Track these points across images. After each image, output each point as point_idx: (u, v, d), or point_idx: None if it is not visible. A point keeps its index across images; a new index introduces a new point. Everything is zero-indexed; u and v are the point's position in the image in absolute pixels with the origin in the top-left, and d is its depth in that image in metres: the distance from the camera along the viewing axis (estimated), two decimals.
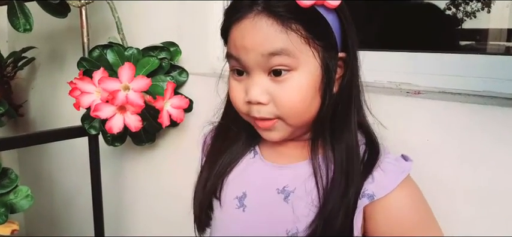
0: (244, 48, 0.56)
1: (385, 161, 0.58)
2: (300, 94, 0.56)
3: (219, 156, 0.68)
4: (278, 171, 0.63)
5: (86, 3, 1.03)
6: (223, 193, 0.67)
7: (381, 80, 0.78)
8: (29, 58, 1.52)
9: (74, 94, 0.91)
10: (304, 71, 0.56)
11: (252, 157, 0.68)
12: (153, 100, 0.90)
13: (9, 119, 1.60)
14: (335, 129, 0.59)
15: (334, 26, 0.57)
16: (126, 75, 0.86)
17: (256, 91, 0.57)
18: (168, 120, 0.92)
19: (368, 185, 0.56)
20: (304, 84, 0.56)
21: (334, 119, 0.59)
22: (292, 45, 0.54)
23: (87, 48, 1.06)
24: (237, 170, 0.67)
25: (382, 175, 0.57)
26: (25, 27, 0.97)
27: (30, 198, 0.96)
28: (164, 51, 1.00)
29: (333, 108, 0.59)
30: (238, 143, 0.68)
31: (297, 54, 0.55)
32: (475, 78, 0.71)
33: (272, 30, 0.54)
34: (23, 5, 0.96)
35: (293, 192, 0.60)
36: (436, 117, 0.70)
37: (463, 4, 1.07)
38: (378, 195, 0.56)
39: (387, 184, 0.56)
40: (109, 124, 0.89)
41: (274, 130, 0.60)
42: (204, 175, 0.69)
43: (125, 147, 1.16)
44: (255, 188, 0.65)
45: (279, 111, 0.57)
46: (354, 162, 0.58)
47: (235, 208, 0.65)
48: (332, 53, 0.57)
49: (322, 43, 0.56)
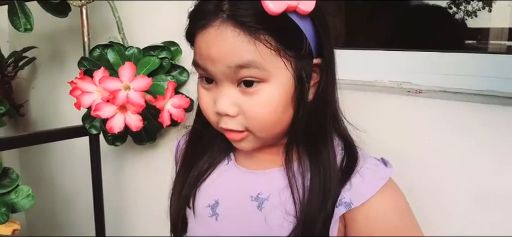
0: (210, 59, 0.53)
1: (364, 167, 0.55)
2: (270, 107, 0.53)
3: (193, 162, 0.65)
4: (252, 177, 0.61)
5: (87, 3, 1.03)
6: (196, 201, 0.63)
7: (382, 79, 0.78)
8: (30, 58, 1.52)
9: (75, 94, 0.91)
10: (276, 83, 0.52)
11: (226, 163, 0.64)
12: (153, 99, 0.90)
13: (10, 119, 1.60)
14: (310, 137, 0.56)
15: (307, 32, 0.53)
16: (126, 75, 0.86)
17: (225, 103, 0.54)
18: (169, 120, 0.92)
19: (345, 193, 0.54)
20: (275, 97, 0.52)
21: (310, 127, 0.56)
22: (260, 58, 0.50)
23: (87, 48, 1.06)
24: (211, 178, 0.64)
25: (361, 181, 0.54)
26: (26, 26, 0.97)
27: (31, 198, 0.96)
28: (165, 50, 1.00)
29: (307, 115, 0.56)
30: (212, 149, 0.65)
31: (266, 67, 0.51)
32: (476, 77, 0.70)
33: (239, 41, 0.50)
34: (23, 4, 0.96)
35: (267, 199, 0.57)
36: (437, 116, 0.70)
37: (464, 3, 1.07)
38: (356, 203, 0.53)
39: (365, 191, 0.53)
40: (110, 123, 0.89)
41: (244, 142, 0.57)
42: (179, 182, 0.66)
43: (125, 147, 1.16)
44: (228, 195, 0.61)
45: (248, 123, 0.54)
46: (331, 171, 0.55)
47: (208, 216, 0.61)
48: (306, 61, 0.54)
49: (294, 53, 0.52)
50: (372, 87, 0.78)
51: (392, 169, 0.58)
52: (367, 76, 0.80)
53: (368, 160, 0.57)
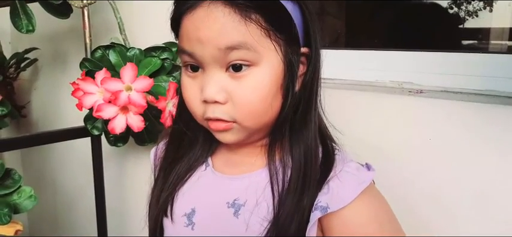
0: (198, 41, 0.50)
1: (344, 171, 0.52)
2: (260, 92, 0.50)
3: (174, 165, 0.62)
4: (229, 183, 0.58)
5: (88, 4, 1.03)
6: (174, 208, 0.60)
7: (383, 79, 0.78)
8: (32, 59, 1.53)
9: (77, 95, 0.92)
10: (266, 66, 0.50)
11: (204, 169, 0.61)
12: (155, 100, 0.91)
13: (12, 120, 1.61)
14: (294, 130, 0.54)
15: (296, 18, 0.52)
16: (128, 76, 0.86)
17: (213, 89, 0.51)
18: (171, 120, 0.92)
19: (322, 197, 0.51)
20: (266, 81, 0.50)
21: (294, 119, 0.54)
22: (251, 38, 0.48)
23: (89, 49, 1.07)
24: (188, 182, 0.61)
25: (339, 185, 0.51)
26: (28, 28, 0.97)
27: (34, 198, 0.96)
28: (166, 51, 1.01)
29: (294, 107, 0.54)
30: (194, 150, 0.62)
31: (257, 48, 0.49)
32: (477, 77, 0.70)
33: (229, 20, 0.48)
34: (25, 6, 0.97)
35: (243, 205, 0.55)
36: (438, 116, 0.70)
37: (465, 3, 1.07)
38: (333, 207, 0.50)
39: (344, 195, 0.50)
40: (112, 124, 0.89)
41: (229, 133, 0.54)
42: (158, 186, 0.63)
43: (127, 147, 1.16)
44: (204, 203, 0.58)
45: (236, 112, 0.51)
46: (313, 164, 0.53)
47: (184, 226, 0.58)
48: (294, 48, 0.52)
49: (283, 36, 0.51)
50: (373, 87, 0.78)
51: (374, 173, 0.54)
52: (368, 76, 0.80)
53: (349, 163, 0.54)
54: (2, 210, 0.91)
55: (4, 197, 0.94)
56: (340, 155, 0.56)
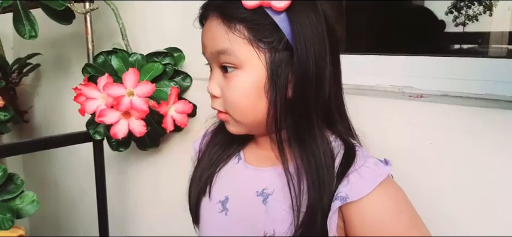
0: (203, 45, 0.61)
1: (364, 166, 0.57)
2: (242, 93, 0.58)
3: (217, 148, 0.70)
4: (258, 174, 0.64)
5: (91, 10, 1.04)
6: (212, 189, 0.68)
7: (383, 84, 0.79)
8: (34, 65, 1.54)
9: (79, 100, 0.92)
10: (248, 71, 0.57)
11: (237, 162, 0.68)
12: (157, 105, 0.91)
13: (14, 125, 1.61)
14: (297, 136, 0.59)
15: (285, 28, 0.56)
16: (130, 81, 0.87)
17: (211, 85, 0.61)
18: (172, 125, 0.92)
19: (342, 188, 0.56)
20: (247, 84, 0.57)
21: (293, 124, 0.59)
22: (232, 47, 0.56)
23: (91, 54, 1.07)
24: (224, 170, 0.69)
25: (359, 178, 0.56)
26: (30, 33, 0.98)
27: (36, 203, 0.96)
28: (168, 56, 1.01)
29: (290, 112, 0.58)
30: (233, 142, 0.70)
31: (238, 55, 0.56)
32: (477, 81, 0.71)
33: (218, 30, 0.57)
34: (28, 12, 0.97)
35: (271, 194, 0.61)
36: (438, 120, 0.70)
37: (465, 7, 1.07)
38: (352, 198, 0.55)
39: (362, 187, 0.55)
40: (114, 129, 0.90)
41: (229, 123, 0.62)
42: (202, 165, 0.70)
43: (129, 152, 1.17)
44: (236, 191, 0.65)
45: (226, 105, 0.60)
46: (324, 167, 0.57)
47: (219, 212, 0.66)
48: (283, 56, 0.56)
49: (268, 46, 0.56)
50: (373, 92, 0.78)
51: (391, 166, 0.59)
52: (368, 80, 0.81)
53: (369, 159, 0.58)
54: (5, 215, 0.91)
55: (7, 201, 0.95)
56: (360, 152, 0.60)
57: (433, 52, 0.78)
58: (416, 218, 0.58)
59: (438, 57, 0.76)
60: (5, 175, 0.94)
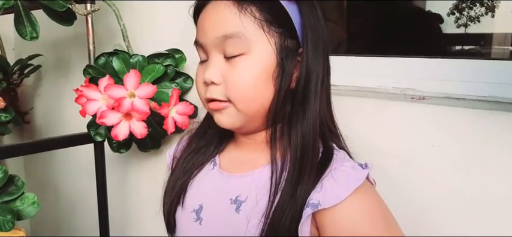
0: (203, 30, 0.58)
1: (339, 170, 0.54)
2: (250, 77, 0.55)
3: (192, 155, 0.68)
4: (232, 180, 0.62)
5: (92, 11, 1.04)
6: (185, 199, 0.66)
7: (385, 86, 0.78)
8: (35, 66, 1.53)
9: (80, 102, 0.92)
10: (258, 55, 0.55)
11: (212, 168, 0.66)
12: (158, 106, 0.91)
13: (15, 126, 1.61)
14: (291, 124, 0.57)
15: (294, 17, 0.56)
16: (131, 82, 0.86)
17: (211, 71, 0.57)
18: (173, 127, 0.92)
19: (314, 194, 0.53)
20: (256, 68, 0.55)
21: (291, 114, 0.58)
22: (244, 29, 0.54)
23: (93, 56, 1.07)
24: (198, 177, 0.67)
25: (333, 184, 0.53)
26: (32, 35, 0.98)
27: (37, 205, 0.96)
28: (169, 58, 1.01)
29: (291, 103, 0.57)
30: (210, 147, 0.68)
31: (249, 38, 0.54)
32: (479, 83, 0.71)
33: (227, 11, 0.55)
34: (29, 13, 0.97)
35: (245, 202, 0.58)
36: (441, 122, 0.70)
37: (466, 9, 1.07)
38: (324, 204, 0.52)
39: (337, 193, 0.52)
40: (115, 131, 0.89)
41: (224, 115, 0.59)
42: (175, 173, 0.68)
43: (130, 154, 1.17)
44: (210, 200, 0.63)
45: (229, 92, 0.57)
46: (309, 157, 0.55)
47: (193, 221, 0.63)
48: (290, 44, 0.56)
49: (278, 30, 0.55)
50: (376, 94, 0.78)
51: (368, 170, 0.55)
52: (370, 82, 0.80)
53: (345, 163, 0.56)
54: (5, 216, 0.91)
55: (7, 203, 0.95)
56: (338, 154, 0.58)
57: (435, 54, 0.77)
58: (393, 228, 0.54)
59: (440, 59, 0.75)
60: (5, 176, 0.94)
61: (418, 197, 0.73)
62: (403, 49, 0.85)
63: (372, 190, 0.56)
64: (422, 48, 0.94)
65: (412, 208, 0.73)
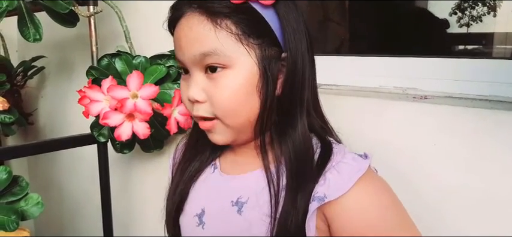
0: (180, 48, 0.56)
1: (341, 162, 0.54)
2: (233, 92, 0.54)
3: (189, 163, 0.67)
4: (232, 182, 0.62)
5: (95, 13, 1.04)
6: (186, 204, 0.66)
7: (387, 85, 0.78)
8: (39, 68, 1.54)
9: (83, 103, 0.93)
10: (239, 69, 0.53)
11: (212, 171, 0.66)
12: (161, 107, 0.91)
13: (19, 127, 1.62)
14: (280, 132, 0.57)
15: (273, 24, 0.54)
16: (134, 83, 0.87)
17: (194, 89, 0.56)
18: (176, 127, 0.93)
19: (319, 188, 0.53)
20: (238, 83, 0.54)
21: (279, 122, 0.57)
22: (221, 45, 0.52)
23: (95, 57, 1.08)
24: (199, 182, 0.66)
25: (337, 176, 0.53)
26: (35, 37, 0.98)
27: (41, 205, 0.97)
28: (172, 59, 1.02)
29: (277, 110, 0.56)
30: (205, 153, 0.67)
31: (227, 53, 0.53)
32: (481, 82, 0.71)
33: (202, 28, 0.53)
34: (32, 15, 0.98)
35: (246, 203, 0.58)
36: (442, 122, 0.70)
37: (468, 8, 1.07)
38: (331, 196, 0.52)
39: (341, 184, 0.52)
40: (118, 131, 0.90)
41: (215, 133, 0.58)
42: (174, 182, 0.68)
43: (133, 154, 1.17)
44: (212, 203, 0.63)
45: (214, 109, 0.56)
46: (304, 165, 0.55)
47: (196, 226, 0.63)
48: (272, 52, 0.54)
49: (257, 41, 0.53)
50: (377, 93, 0.78)
51: (369, 159, 0.56)
52: (372, 82, 0.80)
53: (346, 155, 0.56)
54: (10, 217, 0.92)
55: (11, 203, 0.95)
56: (337, 148, 0.57)
57: (437, 54, 0.77)
58: (402, 213, 0.55)
59: (442, 59, 0.75)
60: (10, 177, 0.95)
61: (419, 197, 0.73)
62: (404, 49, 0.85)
63: (376, 177, 0.57)
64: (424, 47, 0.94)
65: (413, 207, 0.73)
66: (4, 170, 0.94)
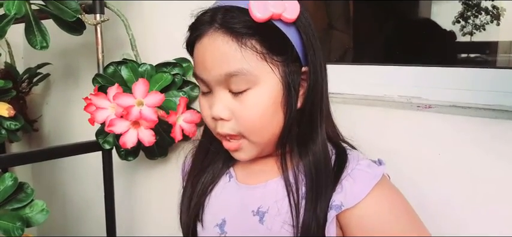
0: (204, 67, 0.56)
1: (356, 169, 0.55)
2: (260, 111, 0.55)
3: (200, 175, 0.67)
4: (251, 192, 0.62)
5: (102, 21, 1.05)
6: (204, 216, 0.66)
7: (391, 94, 0.79)
8: (44, 74, 1.55)
9: (89, 110, 0.93)
10: (264, 87, 0.54)
11: (228, 180, 0.66)
12: (166, 115, 0.92)
13: (24, 134, 1.63)
14: (301, 144, 0.58)
15: (294, 40, 0.55)
16: (140, 91, 0.87)
17: (219, 107, 0.56)
18: (181, 134, 0.93)
19: (336, 196, 0.54)
20: (264, 101, 0.55)
21: (300, 134, 0.58)
22: (248, 64, 0.53)
23: (101, 65, 1.08)
24: (215, 192, 0.66)
25: (352, 183, 0.54)
26: (42, 44, 0.99)
27: (46, 212, 0.97)
28: (177, 67, 1.02)
29: (298, 122, 0.58)
30: (217, 163, 0.68)
31: (254, 72, 0.54)
32: (485, 91, 0.71)
33: (228, 48, 0.53)
34: (40, 23, 0.98)
35: (267, 212, 0.59)
36: (447, 131, 0.70)
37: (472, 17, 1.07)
38: (347, 204, 0.53)
39: (357, 192, 0.53)
40: (123, 139, 0.90)
41: (242, 152, 0.59)
42: (187, 194, 0.68)
43: (137, 161, 1.17)
44: (232, 213, 0.63)
45: (240, 127, 0.56)
46: (323, 175, 0.56)
47: (218, 236, 0.64)
48: (293, 68, 0.56)
49: (280, 58, 0.55)
50: (382, 102, 0.79)
51: (384, 166, 0.57)
52: (376, 91, 0.81)
53: (361, 161, 0.57)
54: (15, 223, 0.92)
55: (17, 210, 0.96)
56: (352, 154, 0.58)
57: (441, 63, 0.78)
58: (415, 219, 0.56)
59: (446, 68, 0.76)
60: (15, 183, 0.95)
61: (424, 205, 0.73)
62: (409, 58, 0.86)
63: (390, 185, 0.57)
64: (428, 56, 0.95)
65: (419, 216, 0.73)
66: (10, 177, 0.95)
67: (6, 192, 0.94)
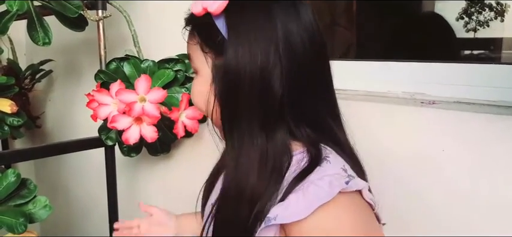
0: None
1: (315, 183, 0.50)
2: (196, 96, 0.61)
3: (216, 163, 0.73)
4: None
5: (104, 17, 1.05)
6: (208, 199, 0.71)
7: (395, 90, 0.78)
8: (47, 71, 1.55)
9: (92, 106, 0.93)
10: (202, 75, 0.59)
11: None
12: (168, 111, 0.92)
13: (27, 130, 1.63)
14: (227, 137, 0.58)
15: (223, 31, 0.55)
16: (142, 87, 0.87)
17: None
18: (183, 131, 0.93)
19: (276, 207, 0.50)
20: (199, 87, 0.59)
21: (224, 130, 0.59)
22: (191, 51, 0.60)
23: (104, 61, 1.08)
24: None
25: (300, 198, 0.49)
26: (44, 40, 0.99)
27: (49, 208, 0.97)
28: (179, 63, 1.02)
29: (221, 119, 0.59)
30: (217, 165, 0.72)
31: (194, 60, 0.59)
32: (489, 87, 0.71)
33: (189, 38, 0.60)
34: (42, 19, 0.98)
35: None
36: (450, 127, 0.70)
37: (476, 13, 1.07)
38: (283, 220, 0.49)
39: (297, 210, 0.49)
40: (126, 135, 0.91)
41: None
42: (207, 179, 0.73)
43: (140, 157, 1.18)
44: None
45: None
46: (247, 175, 0.53)
47: None
48: (221, 60, 0.55)
49: (211, 50, 0.57)
50: (385, 98, 0.78)
51: (345, 187, 0.50)
52: (380, 87, 0.81)
53: (326, 177, 0.51)
54: (18, 219, 0.92)
55: (20, 206, 0.96)
56: (326, 166, 0.53)
57: (444, 59, 0.77)
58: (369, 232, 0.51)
59: (450, 64, 0.75)
60: (18, 180, 0.95)
61: (428, 202, 0.72)
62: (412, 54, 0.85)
63: (345, 210, 0.50)
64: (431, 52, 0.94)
65: (421, 212, 0.73)
66: (13, 173, 0.95)
67: (9, 188, 0.94)
